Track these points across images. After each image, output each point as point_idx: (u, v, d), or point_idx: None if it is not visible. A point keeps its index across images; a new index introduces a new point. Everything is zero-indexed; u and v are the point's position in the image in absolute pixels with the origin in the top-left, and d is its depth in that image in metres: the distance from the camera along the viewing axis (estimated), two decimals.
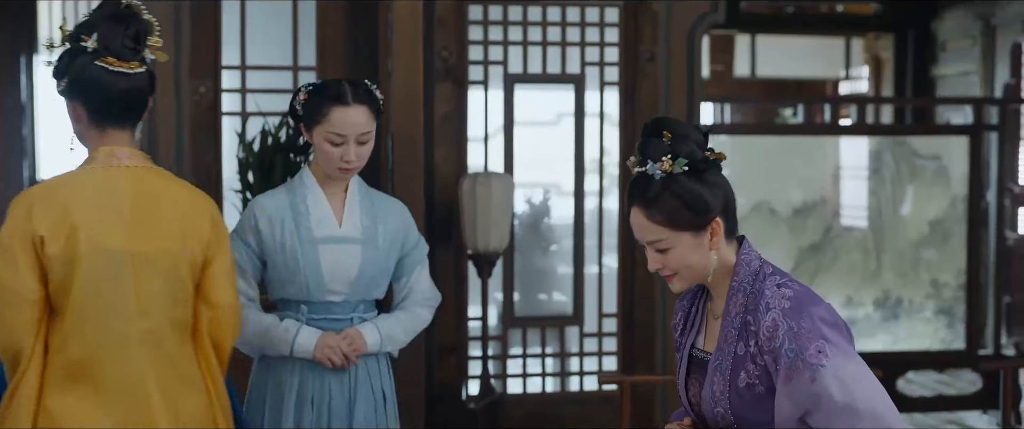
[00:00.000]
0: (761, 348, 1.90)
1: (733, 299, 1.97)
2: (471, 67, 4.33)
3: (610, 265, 4.50)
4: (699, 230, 1.95)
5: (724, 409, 1.94)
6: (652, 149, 1.95)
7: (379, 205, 2.91)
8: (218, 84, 4.11)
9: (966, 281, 5.68)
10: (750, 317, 1.92)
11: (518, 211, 4.46)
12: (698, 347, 2.07)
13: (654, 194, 1.93)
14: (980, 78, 7.32)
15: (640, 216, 1.96)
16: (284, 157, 3.88)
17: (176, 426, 2.34)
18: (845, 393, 1.83)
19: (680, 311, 2.16)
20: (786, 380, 1.86)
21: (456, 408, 4.27)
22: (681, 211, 1.93)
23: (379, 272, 2.85)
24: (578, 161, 4.43)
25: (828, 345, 1.85)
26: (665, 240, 1.94)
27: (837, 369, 1.84)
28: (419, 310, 2.97)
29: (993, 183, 6.14)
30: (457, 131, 4.31)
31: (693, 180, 1.94)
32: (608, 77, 4.41)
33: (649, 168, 1.93)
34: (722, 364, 1.95)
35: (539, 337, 4.48)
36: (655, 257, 1.98)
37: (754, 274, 1.97)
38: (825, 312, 1.90)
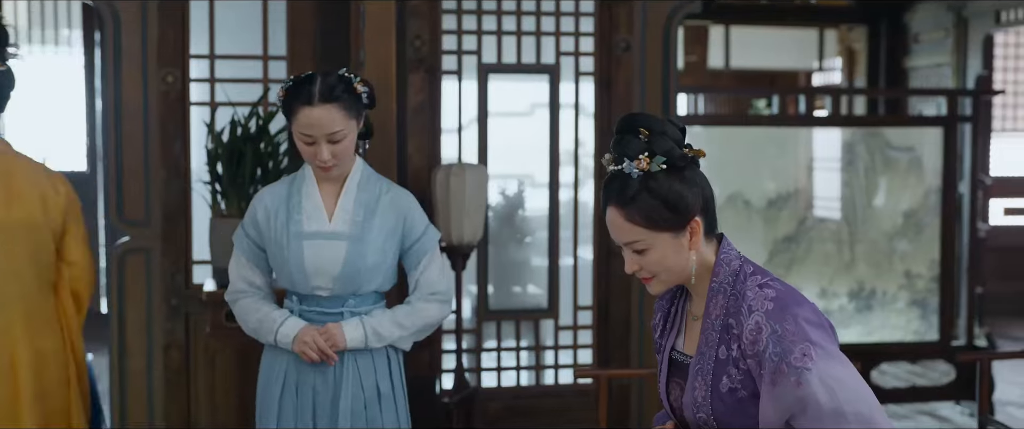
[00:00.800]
0: (744, 352, 1.85)
1: (713, 300, 1.92)
2: (444, 56, 4.27)
3: (585, 257, 4.46)
4: (678, 230, 1.89)
5: (706, 414, 1.89)
6: (628, 147, 1.88)
7: (380, 198, 2.86)
8: (186, 73, 4.05)
9: (940, 273, 5.68)
10: (732, 320, 1.87)
11: (492, 203, 4.41)
12: (678, 350, 2.02)
13: (632, 194, 1.87)
14: (953, 70, 7.34)
15: (617, 217, 1.90)
16: (254, 148, 3.82)
17: (35, 359, 3.10)
18: (831, 397, 1.79)
19: (659, 311, 2.11)
20: (771, 385, 1.81)
21: (429, 402, 4.22)
22: (660, 211, 1.87)
23: (369, 267, 2.82)
24: (553, 152, 4.38)
25: (813, 347, 1.81)
26: (643, 241, 1.89)
27: (823, 372, 1.79)
28: (422, 305, 2.93)
29: (966, 175, 6.15)
30: (430, 121, 4.25)
31: (672, 178, 1.88)
32: (583, 67, 4.37)
33: (626, 167, 1.87)
34: (703, 368, 1.90)
35: (514, 330, 4.43)
36: (633, 259, 1.92)
37: (734, 274, 1.92)
38: (809, 312, 1.85)
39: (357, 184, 2.87)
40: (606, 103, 4.36)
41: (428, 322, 2.96)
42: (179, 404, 4.05)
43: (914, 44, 7.86)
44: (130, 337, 4.00)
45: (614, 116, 4.32)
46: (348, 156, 2.82)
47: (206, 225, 3.91)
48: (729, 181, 5.40)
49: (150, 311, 4.01)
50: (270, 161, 3.88)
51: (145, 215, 4.01)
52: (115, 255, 4.02)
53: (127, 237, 4.00)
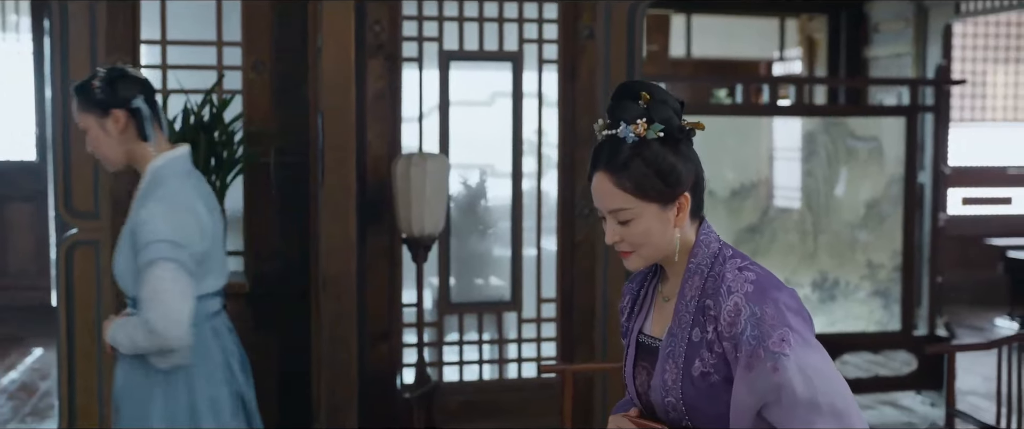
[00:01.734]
0: (720, 334, 1.78)
1: (689, 281, 1.84)
2: (405, 43, 4.17)
3: (549, 248, 4.39)
4: (667, 203, 1.82)
5: (676, 399, 1.81)
6: (626, 111, 1.82)
7: (142, 199, 2.71)
8: (136, 59, 3.92)
9: (902, 262, 5.68)
10: (709, 301, 1.80)
11: (454, 193, 4.32)
12: (645, 333, 1.93)
13: (624, 159, 1.80)
14: (913, 59, 7.35)
15: (606, 182, 1.82)
16: (208, 137, 3.70)
17: None
18: (807, 387, 1.72)
19: (628, 294, 2.03)
20: (746, 369, 1.74)
21: (390, 397, 4.14)
22: (651, 180, 1.80)
23: (126, 272, 2.69)
24: (516, 141, 4.30)
25: (792, 333, 1.74)
26: (630, 210, 1.81)
27: (801, 360, 1.73)
28: (138, 318, 2.63)
29: (928, 164, 6.16)
30: (390, 110, 4.15)
31: (667, 149, 1.82)
32: (547, 55, 4.29)
33: (622, 130, 1.80)
34: (675, 351, 1.82)
35: (476, 323, 4.35)
36: (615, 229, 1.84)
37: (713, 256, 1.85)
38: (789, 298, 1.79)
39: (144, 185, 2.75)
40: (569, 92, 4.28)
41: (139, 339, 2.62)
42: None
43: (874, 34, 7.87)
44: (79, 332, 3.86)
45: (577, 105, 4.26)
46: (99, 149, 2.73)
47: None
48: None
49: (100, 305, 3.88)
50: (225, 150, 3.76)
51: (94, 206, 3.87)
52: (64, 247, 3.88)
53: (75, 229, 3.86)
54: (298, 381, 4.09)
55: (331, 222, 3.60)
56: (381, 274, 4.16)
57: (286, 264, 4.07)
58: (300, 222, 4.02)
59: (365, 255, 4.08)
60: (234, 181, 3.88)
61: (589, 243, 4.28)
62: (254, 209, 4.07)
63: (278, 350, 4.11)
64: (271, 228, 4.07)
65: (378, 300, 4.15)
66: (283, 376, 4.12)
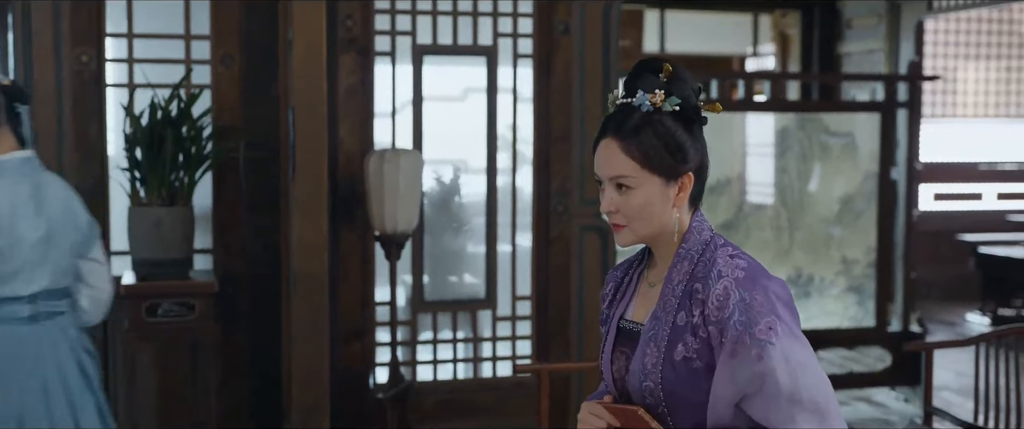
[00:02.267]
0: (707, 318, 1.74)
1: (678, 266, 1.81)
2: (377, 37, 4.10)
3: (523, 246, 4.33)
4: (670, 179, 1.79)
5: (654, 383, 1.77)
6: (645, 81, 1.79)
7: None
8: (102, 53, 3.85)
9: (876, 258, 5.68)
10: (698, 284, 1.76)
11: (427, 190, 4.26)
12: (627, 318, 1.89)
13: (635, 126, 1.77)
14: (885, 55, 7.36)
15: (613, 147, 1.79)
16: (175, 132, 3.62)
17: None
18: (791, 379, 1.69)
19: (611, 282, 1.99)
20: (730, 356, 1.70)
21: (363, 397, 4.07)
22: (660, 151, 1.77)
23: None
24: (490, 137, 4.25)
25: (779, 322, 1.71)
26: (633, 178, 1.78)
27: (786, 350, 1.70)
28: None
29: (902, 160, 6.16)
30: (362, 105, 4.08)
31: (679, 125, 1.79)
32: (521, 49, 4.23)
33: (638, 98, 1.78)
34: (658, 334, 1.78)
35: (450, 321, 4.29)
36: (613, 198, 1.80)
37: (704, 243, 1.81)
38: (778, 288, 1.76)
39: None
40: (544, 87, 4.23)
41: None
42: None
43: (847, 30, 7.87)
44: None
45: (553, 99, 4.21)
46: None
47: (124, 214, 3.71)
48: None
49: None
50: (193, 146, 3.68)
51: None
52: None
53: None
54: (269, 381, 4.02)
55: (302, 219, 3.53)
56: (353, 272, 4.09)
57: (256, 262, 4.00)
58: (270, 219, 3.95)
59: (337, 253, 4.02)
60: (202, 177, 3.80)
61: (564, 240, 4.23)
62: (223, 206, 3.99)
63: (248, 349, 4.04)
64: (240, 225, 4.00)
65: (350, 298, 4.08)
66: (253, 376, 4.05)
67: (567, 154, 4.20)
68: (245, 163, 3.96)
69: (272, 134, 3.91)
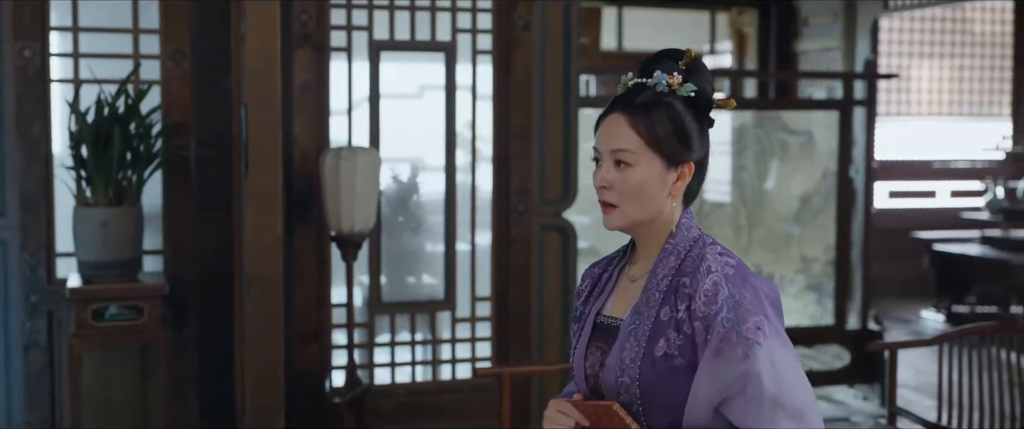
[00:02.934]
0: (693, 313, 1.68)
1: (664, 261, 1.76)
2: (333, 32, 4.00)
3: (483, 245, 4.26)
4: (672, 164, 1.75)
5: (631, 379, 1.70)
6: (663, 64, 1.77)
7: None
8: (46, 47, 3.72)
9: (835, 256, 5.68)
10: (685, 279, 1.71)
11: (384, 188, 4.17)
12: (605, 314, 1.84)
13: (647, 103, 1.74)
14: (842, 54, 7.39)
15: (620, 121, 1.75)
16: (123, 129, 3.50)
17: None
18: (776, 382, 1.64)
19: (589, 278, 1.93)
20: (714, 354, 1.65)
21: (319, 401, 3.98)
22: (668, 133, 1.74)
23: None
24: (449, 134, 4.17)
25: (767, 323, 1.66)
26: (634, 154, 1.73)
27: (772, 352, 1.65)
28: None
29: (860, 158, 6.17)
30: (318, 102, 3.98)
31: (690, 113, 1.77)
32: (481, 45, 4.15)
33: (656, 77, 1.75)
34: (639, 329, 1.73)
35: (408, 323, 4.20)
36: (609, 174, 1.75)
37: (693, 240, 1.77)
38: (768, 288, 1.72)
39: None
40: (504, 84, 4.16)
41: None
42: (41, 410, 3.72)
43: (804, 28, 7.90)
44: None
45: (513, 96, 4.14)
46: None
47: (70, 214, 3.58)
48: None
49: (7, 309, 3.67)
50: (141, 144, 3.57)
51: (1, 203, 3.66)
52: None
53: None
54: (222, 385, 3.91)
55: (256, 219, 3.43)
56: (309, 273, 3.99)
57: (207, 263, 3.89)
58: (222, 219, 3.84)
59: (292, 253, 3.92)
60: (152, 176, 3.69)
61: (524, 239, 4.17)
62: (173, 206, 3.88)
63: (200, 353, 3.93)
64: (191, 225, 3.89)
65: (306, 300, 3.98)
66: (205, 380, 3.94)
67: (527, 152, 4.14)
68: (196, 161, 3.86)
69: (224, 131, 3.81)
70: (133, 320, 3.55)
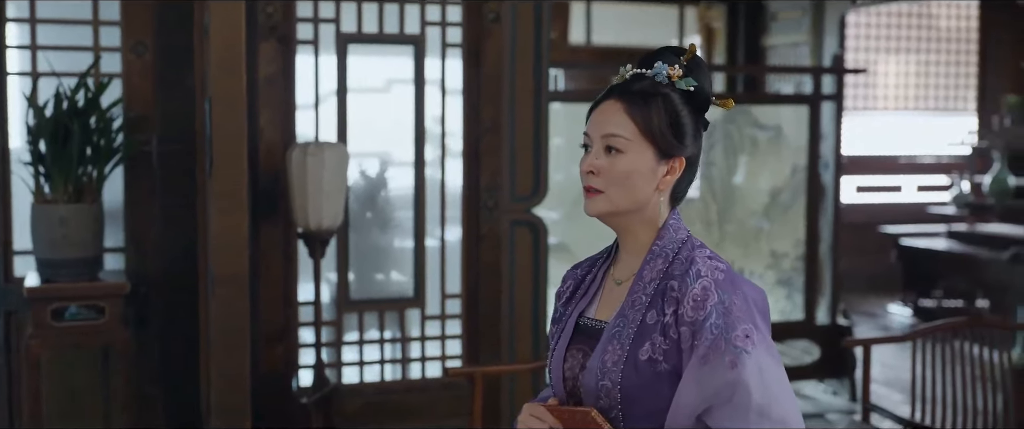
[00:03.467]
0: (680, 318, 1.64)
1: (651, 263, 1.72)
2: (299, 24, 3.92)
3: (453, 242, 4.19)
4: (663, 156, 1.72)
5: (612, 383, 1.66)
6: (665, 57, 1.76)
7: None
8: (2, 39, 3.63)
9: (805, 251, 5.67)
10: (674, 282, 1.67)
11: (352, 184, 4.09)
12: (588, 316, 1.80)
13: (645, 92, 1.71)
14: (810, 49, 7.38)
15: (615, 107, 1.72)
16: (82, 124, 3.40)
17: None
18: (763, 391, 1.59)
19: (571, 280, 1.88)
20: (702, 362, 1.60)
21: (286, 401, 3.90)
22: (663, 124, 1.71)
23: None
24: (418, 128, 4.10)
25: (756, 331, 1.62)
26: (626, 141, 1.70)
27: (760, 361, 1.60)
28: None
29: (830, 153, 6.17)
30: (284, 95, 3.90)
31: (687, 108, 1.74)
32: (450, 38, 4.09)
33: (657, 67, 1.73)
34: (623, 332, 1.68)
35: (377, 321, 4.13)
36: (598, 159, 1.71)
37: (680, 242, 1.73)
38: (757, 295, 1.68)
39: None
40: (474, 77, 4.09)
41: None
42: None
43: (772, 23, 7.88)
44: None
45: (483, 90, 4.07)
46: None
47: (28, 211, 3.48)
48: None
49: None
50: (101, 138, 3.47)
51: None
52: None
53: None
54: (186, 386, 3.83)
55: (220, 216, 3.34)
56: (275, 271, 3.92)
57: (171, 261, 3.80)
58: (186, 216, 3.75)
59: (258, 251, 3.84)
60: (112, 172, 3.60)
61: (495, 236, 4.11)
62: (135, 202, 3.79)
63: (163, 354, 3.84)
64: (154, 222, 3.80)
65: (272, 298, 3.91)
66: (170, 380, 3.85)
67: (497, 147, 4.08)
68: (159, 156, 3.76)
69: (187, 126, 3.72)
70: (94, 320, 3.46)
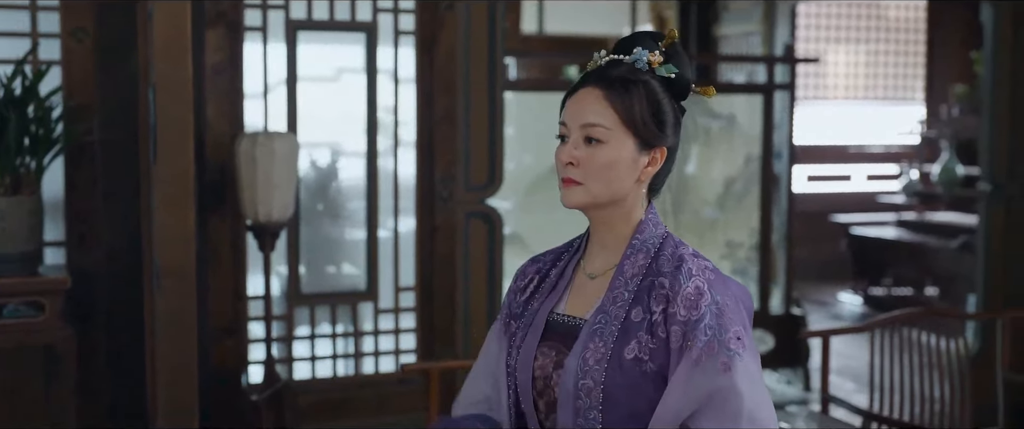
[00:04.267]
0: (670, 316, 1.57)
1: (632, 258, 1.65)
2: (247, 11, 3.81)
3: (406, 234, 4.11)
4: (644, 147, 1.65)
5: (594, 382, 1.58)
6: (643, 41, 1.68)
7: None
8: None
9: (759, 241, 5.67)
10: (663, 279, 1.61)
11: (303, 175, 4.00)
12: (558, 312, 1.71)
13: (625, 79, 1.64)
14: (761, 38, 7.41)
15: (595, 94, 1.64)
16: (19, 113, 3.27)
17: None
18: (752, 397, 1.54)
19: (532, 274, 1.79)
20: (693, 364, 1.54)
21: (236, 397, 3.80)
22: (644, 112, 1.63)
23: None
24: (370, 118, 4.01)
25: (745, 334, 1.58)
26: (606, 131, 1.62)
27: (748, 365, 1.56)
28: None
29: (783, 142, 6.18)
30: (232, 84, 3.80)
31: (668, 96, 1.66)
32: (403, 25, 4.00)
33: (637, 53, 1.65)
34: (605, 329, 1.61)
35: (329, 315, 4.05)
36: (577, 150, 1.63)
37: (661, 238, 1.67)
38: (745, 296, 1.64)
39: None
40: (427, 66, 4.01)
41: None
42: None
43: (724, 12, 7.90)
44: None
45: (436, 78, 3.99)
46: None
47: None
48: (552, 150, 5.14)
49: None
50: (40, 128, 3.34)
51: None
52: None
53: None
54: (132, 384, 3.71)
55: (166, 208, 3.23)
56: (224, 264, 3.81)
57: (114, 255, 3.68)
58: (130, 208, 3.63)
59: (206, 244, 3.73)
60: (52, 163, 3.46)
61: (449, 227, 4.03)
62: (76, 194, 3.65)
63: (108, 351, 3.72)
64: (96, 215, 3.67)
65: (221, 293, 3.80)
66: (115, 379, 3.73)
67: (452, 137, 4.00)
68: (101, 146, 3.63)
69: (131, 115, 3.59)
70: (33, 317, 3.32)
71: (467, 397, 1.83)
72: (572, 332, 1.66)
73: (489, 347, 1.83)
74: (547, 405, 1.66)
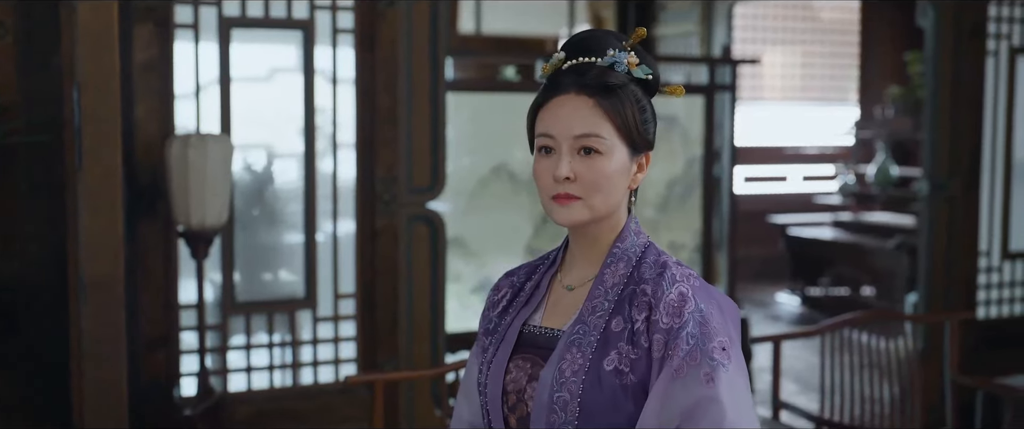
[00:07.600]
0: (653, 324, 1.49)
1: (612, 267, 1.56)
2: (178, 7, 3.65)
3: (346, 239, 3.98)
4: (635, 152, 1.58)
5: (571, 394, 1.49)
6: (611, 42, 1.58)
7: None
8: None
9: (702, 242, 5.64)
10: (645, 287, 1.52)
11: (237, 178, 3.84)
12: (533, 324, 1.62)
13: (610, 84, 1.54)
14: (699, 39, 7.40)
15: (583, 103, 1.54)
16: None
17: None
18: (736, 411, 1.46)
19: (506, 287, 1.71)
20: (675, 374, 1.45)
21: (167, 412, 3.63)
22: (636, 118, 1.55)
23: None
24: (308, 119, 3.87)
25: (731, 345, 1.49)
26: (604, 141, 1.53)
27: (733, 378, 1.47)
28: None
29: (725, 143, 6.17)
30: (162, 83, 3.63)
31: (646, 98, 1.60)
32: (342, 23, 3.87)
33: (613, 56, 1.55)
34: (584, 339, 1.52)
35: (265, 324, 3.89)
36: (574, 164, 1.53)
37: (643, 246, 1.60)
38: (729, 305, 1.56)
39: None
40: (367, 64, 3.88)
41: None
42: None
43: (661, 13, 7.89)
44: None
45: (377, 78, 3.87)
46: None
47: None
48: (492, 152, 5.05)
49: None
50: None
51: None
52: None
53: None
54: (58, 400, 3.52)
55: (92, 214, 3.07)
56: (154, 273, 3.64)
57: (36, 264, 3.49)
58: (54, 214, 3.45)
59: (135, 251, 3.56)
60: None
61: (391, 231, 3.91)
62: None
63: (29, 364, 3.53)
64: (17, 221, 3.48)
65: (151, 302, 3.63)
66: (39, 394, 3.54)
67: (393, 138, 3.88)
68: (23, 148, 3.44)
69: (55, 114, 3.41)
70: None
71: (454, 421, 1.77)
72: (548, 344, 1.57)
73: (470, 367, 1.75)
74: (519, 421, 1.56)
